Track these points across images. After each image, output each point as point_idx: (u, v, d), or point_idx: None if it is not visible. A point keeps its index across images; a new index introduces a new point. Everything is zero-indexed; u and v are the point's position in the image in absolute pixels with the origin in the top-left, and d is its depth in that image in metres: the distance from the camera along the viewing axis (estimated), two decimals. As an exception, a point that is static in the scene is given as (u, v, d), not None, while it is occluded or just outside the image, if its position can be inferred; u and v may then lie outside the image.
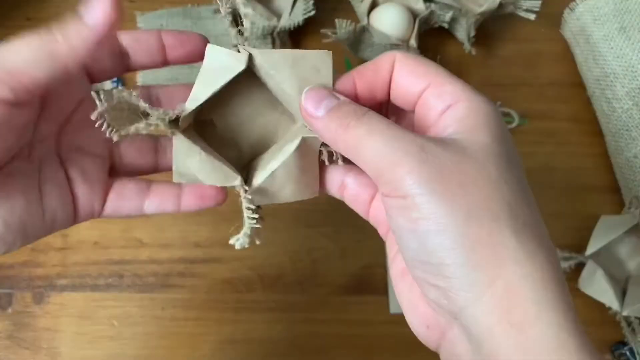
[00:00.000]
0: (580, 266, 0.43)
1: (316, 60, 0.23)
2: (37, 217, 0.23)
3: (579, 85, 0.54)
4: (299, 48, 0.56)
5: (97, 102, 0.21)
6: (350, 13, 0.56)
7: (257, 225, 0.25)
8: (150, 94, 0.27)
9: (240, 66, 0.24)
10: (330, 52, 0.24)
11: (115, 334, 0.42)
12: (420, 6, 0.53)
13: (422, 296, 0.21)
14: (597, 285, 0.42)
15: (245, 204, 0.25)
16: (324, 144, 0.24)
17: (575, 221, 0.48)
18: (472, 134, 0.19)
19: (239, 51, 0.24)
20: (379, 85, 0.22)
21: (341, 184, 0.26)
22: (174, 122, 0.23)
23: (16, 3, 0.57)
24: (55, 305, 0.43)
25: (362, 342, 0.42)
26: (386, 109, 0.25)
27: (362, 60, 0.54)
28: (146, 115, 0.22)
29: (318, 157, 0.25)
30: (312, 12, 0.52)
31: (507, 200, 0.19)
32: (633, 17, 0.49)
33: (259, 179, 0.25)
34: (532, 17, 0.52)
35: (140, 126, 0.22)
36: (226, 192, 0.27)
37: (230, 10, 0.24)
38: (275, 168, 0.24)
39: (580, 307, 0.44)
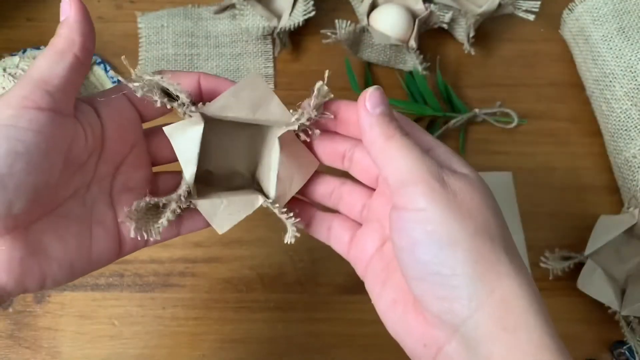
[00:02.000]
0: (579, 266, 0.43)
1: (250, 86, 0.26)
2: (86, 258, 0.25)
3: (577, 85, 0.54)
4: (300, 48, 0.56)
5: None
6: (350, 13, 0.56)
7: (296, 220, 0.28)
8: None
9: (200, 125, 0.26)
10: (259, 75, 0.28)
11: (115, 333, 0.42)
12: (419, 7, 0.53)
13: (418, 316, 0.24)
14: (597, 285, 0.42)
15: (277, 212, 0.28)
16: (301, 130, 0.27)
17: (574, 221, 0.48)
18: (472, 172, 0.24)
19: (190, 116, 0.26)
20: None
21: (328, 228, 0.29)
22: (189, 196, 0.27)
23: (16, 3, 0.57)
24: (55, 305, 0.43)
25: (362, 342, 0.42)
26: None
27: (362, 61, 0.55)
28: (163, 205, 0.26)
29: (299, 139, 0.28)
30: (312, 13, 0.52)
31: (500, 225, 0.23)
32: (632, 17, 0.49)
33: (271, 190, 0.28)
34: (531, 17, 0.52)
35: (164, 221, 0.26)
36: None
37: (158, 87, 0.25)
38: (276, 174, 0.28)
39: (580, 306, 0.44)
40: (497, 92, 0.54)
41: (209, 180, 0.30)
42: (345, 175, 0.29)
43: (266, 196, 0.29)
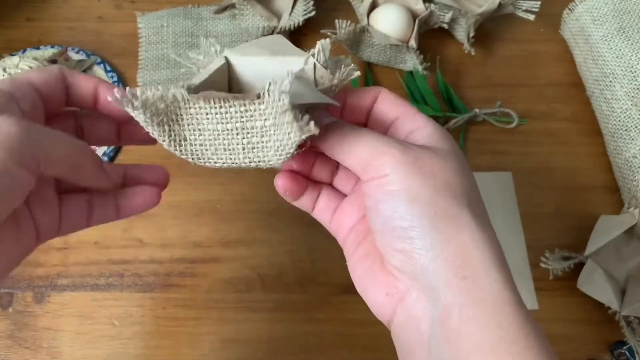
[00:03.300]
0: (579, 266, 0.43)
1: (271, 38, 0.28)
2: (20, 255, 0.25)
3: (578, 85, 0.54)
4: (300, 48, 0.56)
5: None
6: (350, 13, 0.56)
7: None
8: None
9: (222, 60, 0.27)
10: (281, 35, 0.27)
11: (115, 333, 0.42)
12: (420, 7, 0.53)
13: (383, 268, 0.25)
14: (597, 285, 0.42)
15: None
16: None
17: (574, 221, 0.48)
18: (437, 143, 0.25)
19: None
20: (362, 108, 0.27)
21: (315, 200, 0.30)
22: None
23: (16, 3, 0.57)
24: (55, 305, 0.43)
25: (362, 341, 0.42)
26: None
27: (362, 61, 0.54)
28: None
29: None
30: (312, 13, 0.52)
31: (464, 186, 0.24)
32: (632, 17, 0.49)
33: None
34: (531, 17, 0.52)
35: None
36: (160, 196, 0.28)
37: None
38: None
39: (580, 306, 0.44)
40: (497, 92, 0.54)
41: None
42: None
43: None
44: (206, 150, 0.25)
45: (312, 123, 0.22)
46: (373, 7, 0.54)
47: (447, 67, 0.55)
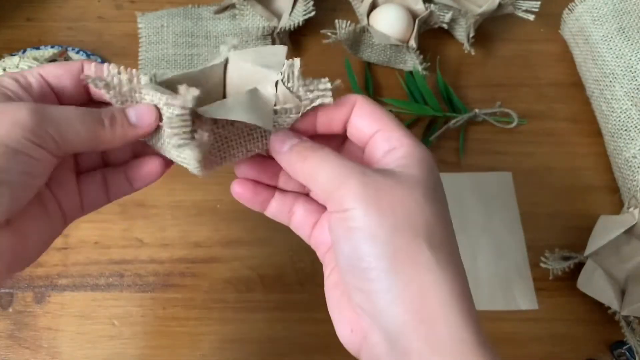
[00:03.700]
0: (579, 266, 0.43)
1: (273, 49, 0.27)
2: (49, 236, 0.27)
3: (578, 85, 0.54)
4: (300, 48, 0.56)
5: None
6: (350, 13, 0.56)
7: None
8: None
9: (222, 57, 0.28)
10: (285, 47, 0.27)
11: (115, 333, 0.42)
12: (420, 7, 0.53)
13: (350, 302, 0.24)
14: (597, 285, 0.42)
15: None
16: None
17: (574, 221, 0.48)
18: (407, 168, 0.24)
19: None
20: (338, 121, 0.27)
21: (289, 211, 0.29)
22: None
23: (16, 3, 0.57)
24: (55, 305, 0.43)
25: (362, 342, 0.42)
26: (343, 142, 0.29)
27: (362, 61, 0.55)
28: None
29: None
30: (312, 13, 0.52)
31: (427, 220, 0.23)
32: (632, 17, 0.49)
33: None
34: (531, 17, 0.52)
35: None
36: (164, 166, 0.28)
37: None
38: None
39: (580, 306, 0.44)
40: (497, 92, 0.54)
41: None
42: None
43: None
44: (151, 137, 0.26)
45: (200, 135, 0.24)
46: (373, 7, 0.54)
47: (447, 67, 0.55)
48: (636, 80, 0.47)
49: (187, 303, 0.43)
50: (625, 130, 0.47)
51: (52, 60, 0.51)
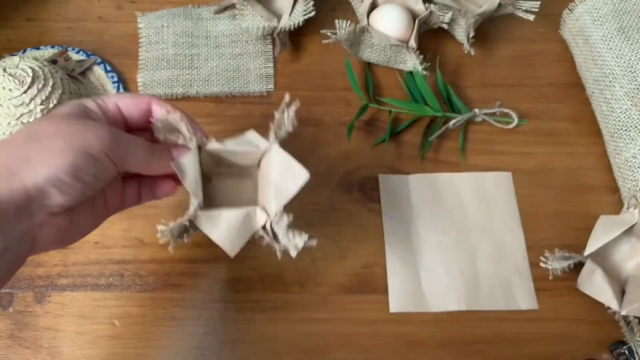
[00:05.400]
0: (579, 266, 0.43)
1: (297, 174, 0.34)
2: (93, 223, 0.35)
3: (577, 85, 0.54)
4: (300, 48, 0.56)
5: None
6: (350, 14, 0.56)
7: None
8: None
9: (265, 145, 0.36)
10: (308, 174, 0.34)
11: (116, 333, 0.42)
12: (419, 7, 0.53)
13: None
14: (596, 285, 0.42)
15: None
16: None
17: (574, 221, 0.48)
18: None
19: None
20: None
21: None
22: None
23: (17, 3, 0.57)
24: (56, 305, 0.43)
25: (362, 341, 0.43)
26: None
27: (362, 61, 0.55)
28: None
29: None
30: (312, 13, 0.52)
31: None
32: (632, 17, 0.49)
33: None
34: (531, 17, 0.52)
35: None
36: (176, 187, 0.37)
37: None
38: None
39: (580, 306, 0.44)
40: (497, 92, 0.54)
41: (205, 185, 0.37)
42: None
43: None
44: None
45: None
46: (373, 7, 0.54)
47: (446, 67, 0.55)
48: (636, 80, 0.47)
49: (187, 303, 0.43)
50: (625, 130, 0.47)
51: (53, 60, 0.51)
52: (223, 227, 0.34)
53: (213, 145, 0.35)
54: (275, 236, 0.35)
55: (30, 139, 0.29)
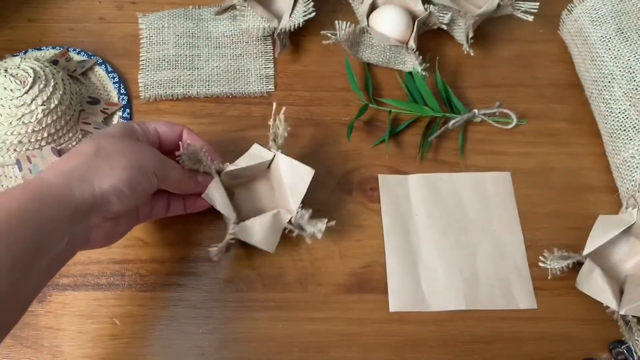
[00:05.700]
0: (578, 265, 0.43)
1: (303, 173, 0.43)
2: (123, 231, 0.40)
3: (576, 86, 0.54)
4: (300, 49, 0.56)
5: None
6: (349, 14, 0.56)
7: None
8: None
9: (270, 156, 0.44)
10: (313, 170, 0.43)
11: (117, 332, 0.42)
12: (419, 8, 0.53)
13: None
14: (595, 285, 0.42)
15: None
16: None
17: (573, 221, 0.48)
18: None
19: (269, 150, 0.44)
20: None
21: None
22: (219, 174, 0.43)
23: (17, 4, 0.57)
24: (57, 304, 0.43)
25: (362, 341, 0.43)
26: None
27: (362, 62, 0.55)
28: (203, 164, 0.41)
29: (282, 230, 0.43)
30: (312, 14, 0.53)
31: None
32: (630, 18, 0.50)
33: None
34: (530, 18, 0.53)
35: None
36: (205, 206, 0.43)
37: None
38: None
39: (578, 306, 0.44)
40: (496, 93, 0.54)
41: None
42: None
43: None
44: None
45: None
46: (373, 8, 0.54)
47: (446, 67, 0.55)
48: (634, 80, 0.47)
49: (187, 302, 0.43)
50: (624, 130, 0.47)
51: (54, 61, 0.51)
52: (258, 233, 0.41)
53: (229, 168, 0.42)
54: (301, 227, 0.42)
55: (99, 154, 0.35)
